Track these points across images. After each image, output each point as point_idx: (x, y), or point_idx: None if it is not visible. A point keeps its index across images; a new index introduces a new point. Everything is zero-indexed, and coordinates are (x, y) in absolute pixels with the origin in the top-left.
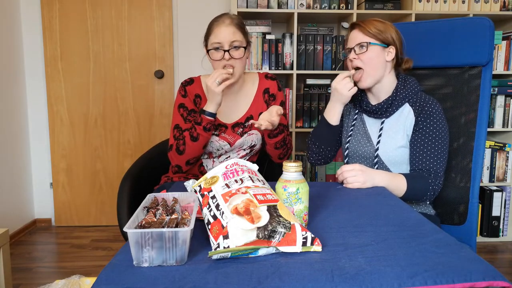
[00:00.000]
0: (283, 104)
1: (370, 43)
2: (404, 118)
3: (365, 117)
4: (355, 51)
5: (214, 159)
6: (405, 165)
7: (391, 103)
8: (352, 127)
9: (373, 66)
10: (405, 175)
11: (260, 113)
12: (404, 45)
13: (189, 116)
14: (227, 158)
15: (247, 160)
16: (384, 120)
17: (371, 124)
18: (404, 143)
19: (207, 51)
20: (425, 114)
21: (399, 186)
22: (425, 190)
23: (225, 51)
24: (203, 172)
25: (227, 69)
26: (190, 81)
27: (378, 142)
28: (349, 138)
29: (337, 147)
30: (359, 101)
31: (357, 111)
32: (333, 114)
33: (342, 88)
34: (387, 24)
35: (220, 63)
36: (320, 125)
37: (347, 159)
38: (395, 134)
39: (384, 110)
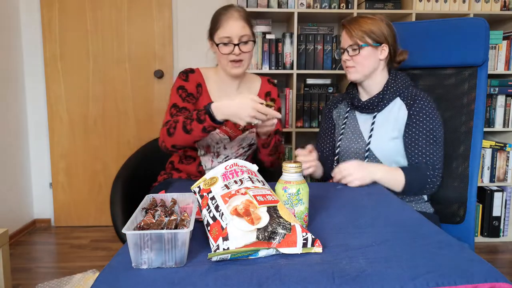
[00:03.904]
0: (280, 110)
1: (361, 45)
2: (396, 112)
3: (357, 114)
4: (348, 52)
5: (213, 159)
6: (397, 157)
7: (382, 97)
8: (344, 125)
9: (365, 65)
10: (402, 168)
11: None
12: (397, 39)
13: (187, 98)
14: (226, 157)
15: (244, 159)
16: (376, 115)
17: (363, 121)
18: (396, 135)
19: (217, 44)
20: (417, 108)
21: (397, 178)
22: (424, 183)
23: (235, 45)
24: (201, 172)
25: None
26: (191, 70)
27: (370, 136)
28: (341, 137)
29: (329, 163)
30: (350, 98)
31: (348, 109)
32: None
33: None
34: (377, 20)
35: (228, 57)
36: None
37: (337, 156)
38: (387, 127)
39: (375, 105)
